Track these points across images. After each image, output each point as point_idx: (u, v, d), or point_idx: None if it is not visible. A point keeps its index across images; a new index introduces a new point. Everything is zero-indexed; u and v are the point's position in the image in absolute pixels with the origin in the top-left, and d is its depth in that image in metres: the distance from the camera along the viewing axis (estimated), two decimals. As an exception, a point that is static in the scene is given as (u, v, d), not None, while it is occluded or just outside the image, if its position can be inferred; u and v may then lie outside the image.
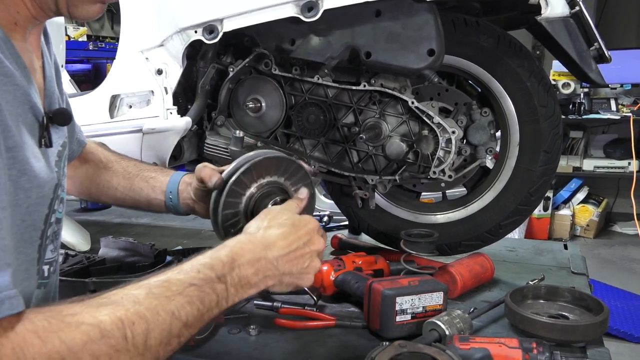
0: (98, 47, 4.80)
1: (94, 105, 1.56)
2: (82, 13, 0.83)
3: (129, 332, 0.65)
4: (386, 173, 1.48)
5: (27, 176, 0.72)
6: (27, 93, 0.75)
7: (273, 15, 1.29)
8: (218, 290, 0.78)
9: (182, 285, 0.74)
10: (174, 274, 0.75)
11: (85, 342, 0.62)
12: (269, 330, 1.16)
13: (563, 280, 1.47)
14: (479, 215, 1.49)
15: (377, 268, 1.39)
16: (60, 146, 0.89)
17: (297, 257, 0.90)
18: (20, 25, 0.80)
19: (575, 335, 1.06)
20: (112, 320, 0.65)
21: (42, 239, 0.80)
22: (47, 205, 0.80)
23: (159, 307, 0.69)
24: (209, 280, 0.77)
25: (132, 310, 0.67)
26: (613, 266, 4.42)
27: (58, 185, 0.83)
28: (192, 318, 0.73)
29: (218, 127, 1.49)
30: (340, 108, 1.47)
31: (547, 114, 1.38)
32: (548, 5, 1.24)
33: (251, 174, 1.00)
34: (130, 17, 1.49)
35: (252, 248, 0.85)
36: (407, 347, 0.94)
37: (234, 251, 0.83)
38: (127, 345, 0.65)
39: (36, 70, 0.85)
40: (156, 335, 0.68)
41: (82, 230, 1.83)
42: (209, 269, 0.78)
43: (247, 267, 0.83)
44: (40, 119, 0.79)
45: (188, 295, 0.73)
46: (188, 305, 0.73)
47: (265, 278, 0.86)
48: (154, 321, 0.68)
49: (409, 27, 1.25)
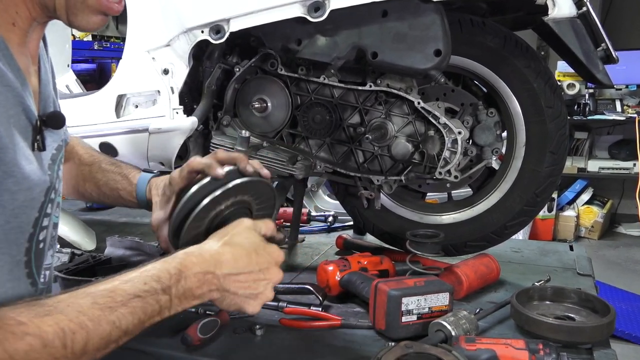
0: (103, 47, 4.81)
1: (100, 104, 1.56)
2: (82, 23, 0.83)
3: (69, 341, 0.68)
4: (392, 173, 1.47)
5: (15, 178, 0.72)
6: (20, 95, 0.75)
7: (280, 15, 1.29)
8: (162, 302, 0.79)
9: (127, 296, 0.75)
10: (121, 283, 0.77)
11: (26, 352, 0.65)
12: (275, 330, 1.16)
13: (569, 281, 1.47)
14: (485, 216, 1.48)
15: (383, 268, 1.39)
16: (55, 149, 0.88)
17: (248, 280, 0.88)
18: (19, 27, 0.79)
19: (581, 337, 1.05)
20: (55, 330, 0.68)
21: (30, 242, 0.80)
22: (37, 209, 0.80)
23: (101, 317, 0.72)
24: (153, 292, 0.78)
25: (75, 320, 0.70)
26: (618, 268, 4.41)
27: (50, 189, 0.83)
28: (132, 327, 0.76)
29: (224, 127, 1.49)
30: (346, 108, 1.47)
31: (553, 115, 1.37)
32: (555, 6, 1.24)
33: (227, 193, 0.95)
34: (137, 17, 1.49)
35: (201, 262, 0.84)
36: (413, 347, 0.94)
37: (183, 264, 0.83)
38: (65, 352, 0.68)
39: (31, 74, 0.84)
40: (95, 343, 0.71)
41: (88, 229, 1.83)
42: (156, 281, 0.79)
43: (193, 279, 0.83)
44: (34, 122, 0.79)
45: (131, 307, 0.75)
46: (130, 316, 0.75)
47: (210, 292, 0.85)
48: (94, 330, 0.71)
49: (415, 28, 1.25)
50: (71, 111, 1.56)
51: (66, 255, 1.51)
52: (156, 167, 1.52)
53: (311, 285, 1.29)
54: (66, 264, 1.44)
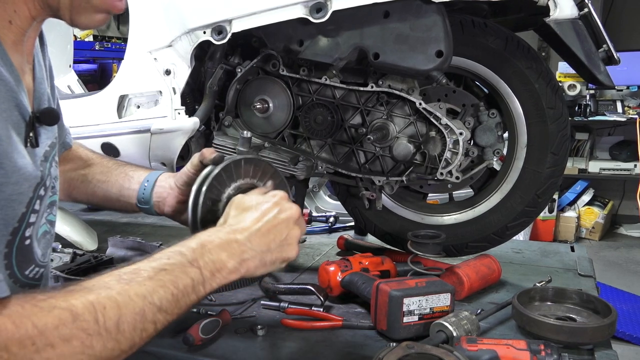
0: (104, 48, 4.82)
1: (102, 105, 1.56)
2: (85, 21, 0.83)
3: (100, 316, 0.65)
4: (393, 174, 1.48)
5: (3, 170, 0.70)
6: (13, 90, 0.74)
7: (282, 16, 1.29)
8: (192, 274, 0.77)
9: (152, 271, 0.74)
10: (144, 262, 0.76)
11: (56, 326, 0.62)
12: (276, 330, 1.16)
13: (570, 282, 1.47)
14: (486, 216, 1.48)
15: (384, 269, 1.39)
16: (48, 146, 0.88)
17: (270, 229, 0.87)
18: (16, 25, 0.79)
19: (583, 338, 1.05)
20: (84, 303, 0.65)
21: (14, 235, 0.78)
22: (25, 204, 0.78)
23: (129, 291, 0.69)
24: (179, 264, 0.77)
25: (103, 294, 0.67)
26: (618, 269, 4.40)
27: (40, 185, 0.82)
28: (167, 302, 0.73)
29: (225, 127, 1.50)
30: (347, 109, 1.47)
31: (555, 116, 1.37)
32: (557, 7, 1.24)
33: (231, 173, 0.99)
34: (139, 17, 1.49)
35: (220, 235, 0.84)
36: (414, 348, 0.94)
37: (203, 239, 0.83)
38: (99, 328, 0.65)
39: (26, 72, 0.84)
40: (129, 320, 0.68)
41: (89, 229, 1.83)
42: (179, 255, 0.78)
43: (219, 250, 0.82)
44: (27, 118, 0.79)
45: (160, 280, 0.73)
46: (161, 289, 0.72)
47: (245, 261, 0.84)
48: (125, 305, 0.68)
49: (417, 29, 1.25)
50: (73, 112, 1.57)
51: (68, 256, 1.51)
52: (158, 168, 1.53)
53: (312, 285, 1.29)
54: (68, 264, 1.45)
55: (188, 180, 1.11)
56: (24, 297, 0.64)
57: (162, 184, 1.15)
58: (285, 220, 0.90)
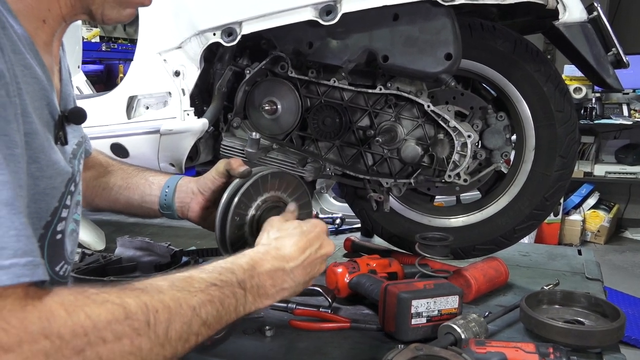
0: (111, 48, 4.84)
1: (112, 106, 1.57)
2: (115, 16, 0.85)
3: (152, 318, 0.65)
4: (401, 176, 1.48)
5: (38, 164, 0.72)
6: (46, 89, 0.76)
7: (292, 18, 1.29)
8: (238, 295, 0.78)
9: (204, 283, 0.74)
10: (197, 272, 0.76)
11: (109, 321, 0.61)
12: (284, 331, 1.17)
13: (577, 285, 1.47)
14: (494, 219, 1.49)
15: (391, 271, 1.39)
16: (76, 145, 0.90)
17: (310, 263, 0.91)
18: (49, 25, 0.80)
19: (591, 341, 1.05)
20: (137, 303, 0.64)
21: (46, 229, 0.79)
22: (58, 198, 0.80)
23: (181, 299, 0.69)
24: (230, 283, 0.78)
25: (156, 298, 0.67)
26: (624, 272, 4.38)
27: (71, 180, 0.84)
28: (212, 318, 0.73)
29: (234, 128, 1.50)
30: (355, 111, 1.48)
31: (563, 119, 1.38)
32: (566, 10, 1.24)
33: (258, 188, 1.03)
34: (149, 19, 1.50)
35: (270, 259, 0.86)
36: (423, 350, 0.94)
37: (254, 260, 0.84)
38: (148, 331, 0.64)
39: (54, 72, 0.86)
40: (177, 328, 0.67)
41: (98, 229, 1.84)
42: (231, 273, 0.79)
43: (266, 277, 0.84)
44: (56, 117, 0.80)
45: (210, 294, 0.74)
46: (209, 304, 0.73)
47: (282, 290, 0.87)
48: (176, 312, 0.68)
49: (426, 31, 1.26)
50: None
51: (76, 255, 1.52)
52: (167, 168, 1.53)
53: (320, 287, 1.29)
54: (77, 264, 1.46)
55: (213, 187, 1.13)
56: (75, 289, 0.63)
57: (183, 189, 1.16)
58: (322, 256, 0.94)
